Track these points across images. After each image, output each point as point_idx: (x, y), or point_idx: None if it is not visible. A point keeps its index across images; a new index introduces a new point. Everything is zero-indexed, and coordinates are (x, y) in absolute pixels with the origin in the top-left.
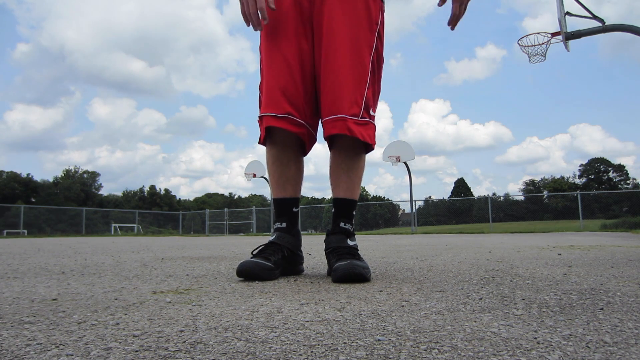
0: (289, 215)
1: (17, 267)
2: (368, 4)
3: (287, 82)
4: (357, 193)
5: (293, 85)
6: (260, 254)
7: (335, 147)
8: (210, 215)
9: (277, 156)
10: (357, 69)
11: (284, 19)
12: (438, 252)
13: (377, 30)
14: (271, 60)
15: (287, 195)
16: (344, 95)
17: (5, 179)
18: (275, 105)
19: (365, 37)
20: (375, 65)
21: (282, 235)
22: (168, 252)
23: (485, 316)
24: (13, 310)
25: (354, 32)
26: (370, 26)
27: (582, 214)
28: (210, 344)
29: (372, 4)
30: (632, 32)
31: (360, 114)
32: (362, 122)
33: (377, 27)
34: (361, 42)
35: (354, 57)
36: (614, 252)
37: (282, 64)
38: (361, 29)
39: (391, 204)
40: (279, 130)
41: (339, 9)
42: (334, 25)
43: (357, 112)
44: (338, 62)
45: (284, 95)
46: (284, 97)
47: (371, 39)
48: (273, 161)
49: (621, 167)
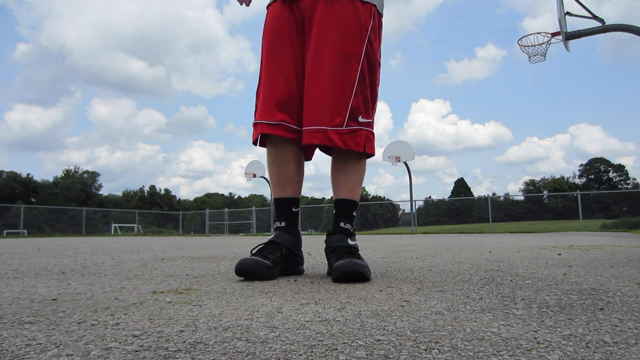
0: (288, 215)
1: (17, 267)
2: (357, 10)
3: (282, 92)
4: (357, 194)
5: (288, 94)
6: (259, 253)
7: (334, 152)
8: (210, 215)
9: (276, 156)
10: (341, 80)
11: (281, 29)
12: (438, 252)
13: (368, 36)
14: (268, 69)
15: (286, 195)
16: (325, 108)
17: (5, 179)
18: (269, 114)
19: (353, 45)
20: (367, 71)
21: (281, 234)
22: (168, 252)
23: (485, 316)
24: (13, 310)
25: (340, 42)
26: (359, 33)
27: (582, 214)
28: (210, 344)
29: (361, 9)
30: (632, 32)
31: (344, 124)
32: (347, 131)
33: (366, 34)
34: (348, 51)
35: (338, 68)
36: (614, 252)
37: (277, 74)
38: (349, 38)
39: (391, 204)
40: (274, 136)
41: (327, 18)
42: (321, 35)
43: (341, 122)
44: (321, 74)
45: (277, 104)
46: (277, 107)
47: (360, 47)
48: (272, 161)
49: (621, 167)
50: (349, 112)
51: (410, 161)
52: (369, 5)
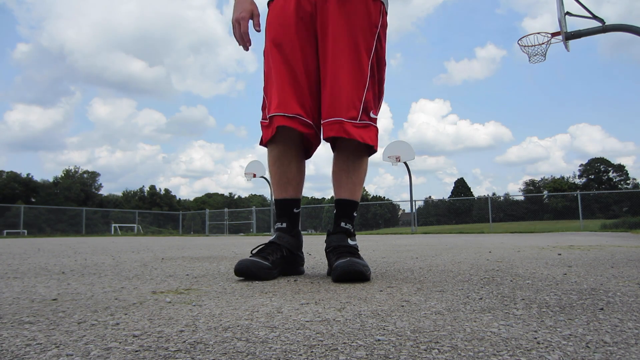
0: (289, 216)
1: (17, 267)
2: (368, 6)
3: (296, 87)
4: (358, 194)
5: (299, 90)
6: (258, 254)
7: (337, 150)
8: (210, 215)
9: (278, 157)
10: (355, 74)
11: (288, 25)
12: (438, 252)
13: (377, 32)
14: (278, 65)
15: (287, 196)
16: (342, 99)
17: (5, 179)
18: (285, 106)
19: (364, 40)
20: (375, 68)
21: (282, 235)
22: (168, 252)
23: (485, 316)
24: (13, 310)
25: (353, 36)
26: (370, 29)
27: (582, 214)
28: (210, 344)
29: (372, 6)
30: (632, 32)
31: (358, 117)
32: (361, 125)
33: (377, 30)
34: (360, 47)
35: (352, 62)
36: (614, 252)
37: (289, 69)
38: (360, 33)
39: (391, 204)
40: (286, 130)
41: (339, 12)
42: (334, 29)
43: (355, 115)
44: (337, 67)
45: (293, 98)
46: (293, 99)
47: (371, 42)
48: (274, 162)
49: (621, 167)
50: (362, 106)
51: (410, 161)
52: (379, 3)
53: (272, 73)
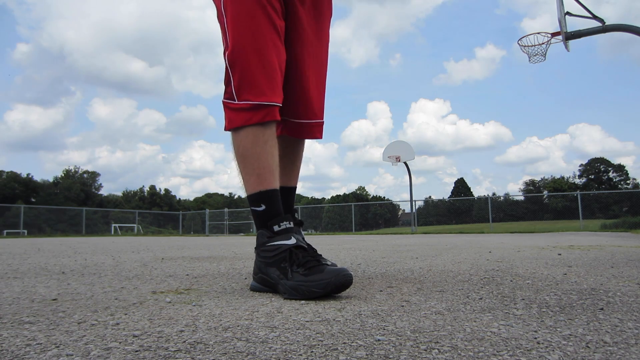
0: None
1: (17, 267)
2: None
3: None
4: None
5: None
6: (321, 260)
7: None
8: (210, 215)
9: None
10: (324, 75)
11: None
12: (438, 252)
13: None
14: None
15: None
16: (322, 100)
17: (5, 179)
18: (279, 93)
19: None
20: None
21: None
22: (168, 252)
23: (485, 316)
24: (13, 310)
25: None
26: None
27: (582, 214)
28: (210, 344)
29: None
30: (632, 32)
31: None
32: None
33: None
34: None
35: (326, 66)
36: (614, 252)
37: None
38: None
39: (391, 204)
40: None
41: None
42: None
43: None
44: (322, 70)
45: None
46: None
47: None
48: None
49: (621, 167)
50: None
51: (410, 161)
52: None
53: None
